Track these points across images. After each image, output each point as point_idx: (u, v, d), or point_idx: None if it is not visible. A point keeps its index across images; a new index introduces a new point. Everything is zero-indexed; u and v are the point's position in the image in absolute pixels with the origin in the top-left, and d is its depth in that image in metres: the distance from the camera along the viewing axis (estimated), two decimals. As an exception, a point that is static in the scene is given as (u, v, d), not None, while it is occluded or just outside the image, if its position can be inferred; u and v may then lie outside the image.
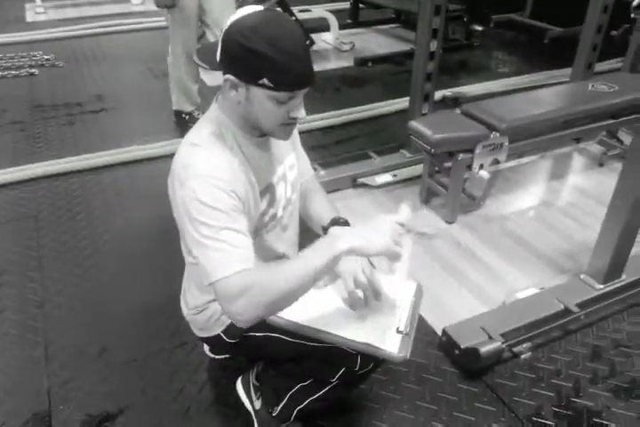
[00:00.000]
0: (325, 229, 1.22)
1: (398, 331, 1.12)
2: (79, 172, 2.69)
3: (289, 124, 1.06)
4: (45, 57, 4.11)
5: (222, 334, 1.26)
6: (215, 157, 1.05)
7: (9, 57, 4.09)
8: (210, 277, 1.00)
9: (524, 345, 1.64)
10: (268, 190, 1.17)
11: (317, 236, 1.19)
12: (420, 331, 1.73)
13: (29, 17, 5.27)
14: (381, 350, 1.08)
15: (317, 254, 0.97)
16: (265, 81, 0.97)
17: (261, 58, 0.95)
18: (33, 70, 3.89)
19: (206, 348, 1.62)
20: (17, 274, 2.03)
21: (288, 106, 1.02)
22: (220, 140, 1.08)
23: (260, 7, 1.01)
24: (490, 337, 1.60)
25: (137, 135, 3.00)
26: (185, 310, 1.34)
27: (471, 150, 2.15)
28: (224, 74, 1.02)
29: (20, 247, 2.18)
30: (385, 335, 1.11)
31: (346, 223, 1.25)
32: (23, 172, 2.65)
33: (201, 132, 1.10)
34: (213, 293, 1.02)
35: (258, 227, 1.18)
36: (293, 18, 4.15)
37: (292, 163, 1.26)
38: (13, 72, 3.85)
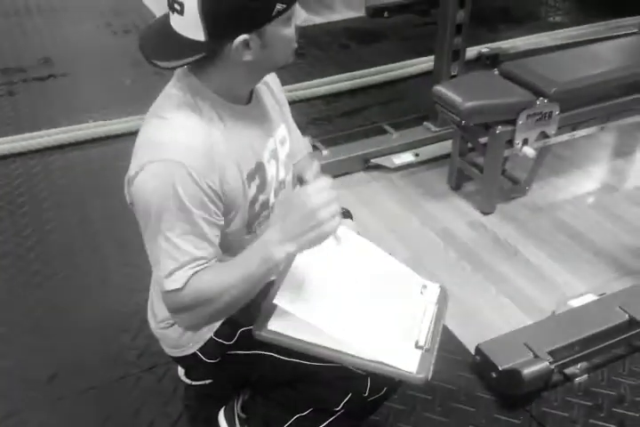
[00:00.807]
0: None
1: (418, 346, 1.14)
2: (22, 154, 2.72)
3: (296, 39, 1.12)
4: (-23, 10, 4.15)
5: (199, 353, 1.28)
6: (188, 136, 1.06)
7: None
8: (158, 278, 1.09)
9: (579, 366, 1.66)
10: (257, 171, 1.18)
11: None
12: (448, 348, 1.75)
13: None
14: (396, 370, 1.10)
15: (253, 266, 1.04)
16: (279, 6, 1.01)
17: None
18: (-38, 28, 3.94)
19: (181, 371, 1.64)
20: (-55, 282, 2.07)
21: (294, 19, 1.07)
22: (196, 112, 1.09)
23: None
24: (535, 356, 1.61)
25: (94, 108, 3.02)
26: (153, 324, 1.36)
27: (512, 121, 2.15)
28: (222, 42, 1.02)
29: (-52, 249, 2.22)
30: (401, 351, 1.12)
31: (347, 214, 1.26)
32: (-49, 155, 2.69)
33: (170, 101, 1.11)
34: None
35: (249, 220, 1.20)
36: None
37: (282, 136, 1.28)
38: (-64, 30, 3.91)
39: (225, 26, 1.00)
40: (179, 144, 1.05)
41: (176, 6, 1.00)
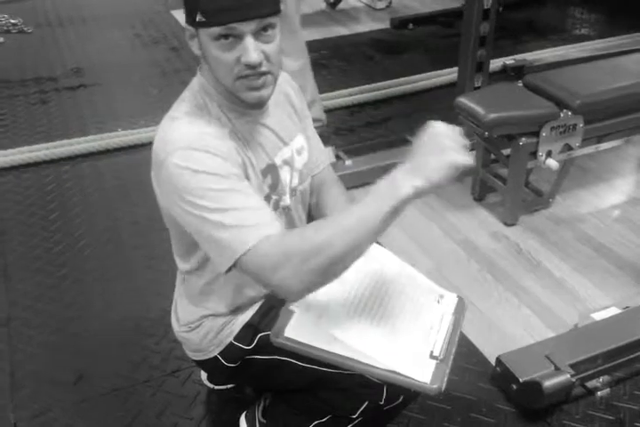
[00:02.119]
0: None
1: (432, 356, 1.14)
2: (53, 161, 2.78)
3: (247, 75, 1.08)
4: (12, 21, 4.27)
5: (220, 357, 1.31)
6: (199, 127, 1.10)
7: (-32, 22, 4.27)
8: (229, 256, 1.01)
9: (601, 379, 1.65)
10: (269, 171, 1.20)
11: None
12: (469, 359, 1.75)
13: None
14: (410, 380, 1.10)
15: (378, 201, 0.97)
16: (199, 16, 1.04)
17: None
18: (-3, 38, 4.05)
19: (204, 376, 1.67)
20: (-23, 286, 2.12)
21: (238, 51, 1.06)
22: (204, 111, 1.13)
23: None
24: (557, 368, 1.60)
25: (122, 117, 3.09)
26: (176, 327, 1.39)
27: (536, 133, 2.16)
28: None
29: (-20, 254, 2.27)
30: (415, 361, 1.12)
31: None
32: (-15, 161, 2.75)
33: (181, 104, 1.16)
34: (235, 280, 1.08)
35: None
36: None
37: (300, 146, 1.30)
38: (-26, 40, 4.03)
39: (186, 12, 1.08)
40: (191, 133, 1.09)
41: None
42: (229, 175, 1.05)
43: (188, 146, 1.06)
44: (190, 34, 1.10)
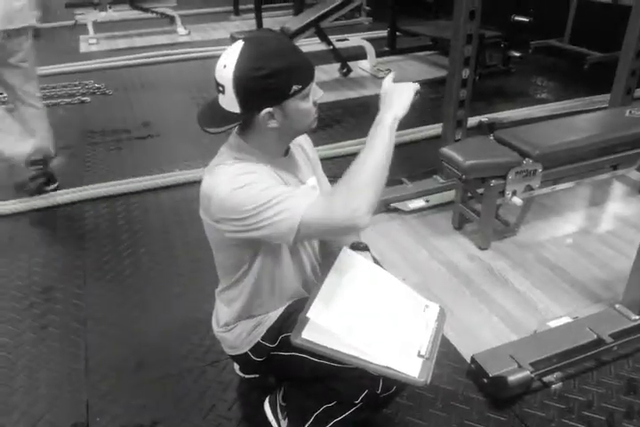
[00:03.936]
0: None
1: (420, 355, 1.14)
2: (124, 194, 2.84)
3: (316, 111, 1.17)
4: (97, 85, 4.39)
5: (250, 353, 1.32)
6: (240, 168, 1.13)
7: (63, 85, 4.39)
8: (291, 225, 1.03)
9: (555, 375, 1.63)
10: None
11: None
12: (449, 358, 1.75)
13: (83, 48, 5.66)
14: (402, 374, 1.11)
15: (381, 134, 1.10)
16: (295, 87, 1.08)
17: (281, 72, 1.06)
18: (85, 98, 4.16)
19: (236, 367, 1.68)
20: (63, 291, 2.16)
21: (311, 96, 1.13)
22: (243, 162, 1.16)
23: (238, 42, 1.11)
24: (519, 366, 1.59)
25: (179, 160, 3.15)
26: (215, 328, 1.41)
27: (504, 177, 2.16)
28: (253, 113, 1.10)
29: (66, 266, 2.31)
30: (406, 359, 1.13)
31: (365, 248, 1.29)
32: (72, 194, 2.82)
33: (221, 156, 1.20)
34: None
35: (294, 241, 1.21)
36: (330, 46, 4.32)
37: (312, 185, 1.33)
38: (67, 100, 4.13)
39: (253, 101, 1.09)
40: (233, 170, 1.12)
41: (219, 88, 1.11)
42: (272, 182, 1.10)
43: (233, 175, 1.10)
44: (269, 114, 1.10)
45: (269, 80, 1.06)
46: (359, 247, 1.29)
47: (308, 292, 1.29)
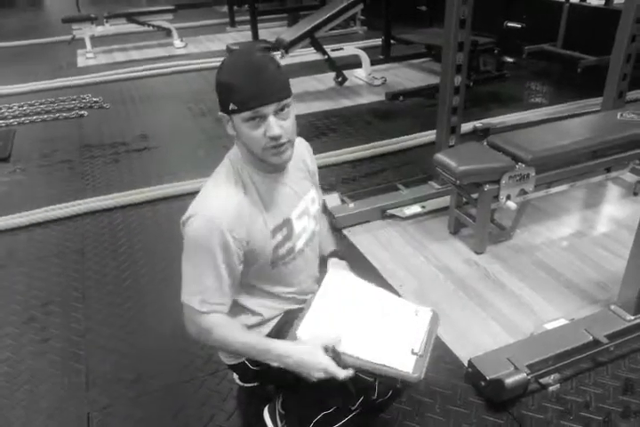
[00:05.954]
0: (325, 260, 1.36)
1: (413, 353, 1.18)
2: (122, 207, 2.86)
3: (273, 146, 1.13)
4: (94, 99, 4.44)
5: (247, 362, 1.34)
6: (227, 198, 1.16)
7: (61, 100, 4.44)
8: (184, 298, 1.22)
9: (552, 377, 1.64)
10: (284, 225, 1.26)
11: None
12: (447, 361, 1.76)
13: (80, 62, 5.72)
14: (397, 370, 1.14)
15: (270, 355, 1.17)
16: (232, 105, 1.10)
17: (225, 86, 1.10)
18: (82, 112, 4.20)
19: (235, 376, 1.69)
20: (62, 304, 2.18)
21: (263, 127, 1.11)
22: (237, 177, 1.19)
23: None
24: (516, 368, 1.60)
25: (177, 172, 3.17)
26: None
27: (497, 181, 2.19)
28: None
29: (65, 279, 2.33)
30: (400, 357, 1.16)
31: (343, 257, 1.35)
32: (71, 208, 2.84)
33: (223, 168, 1.23)
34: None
35: (273, 259, 1.27)
36: (325, 56, 4.37)
37: (312, 197, 1.35)
38: (64, 114, 4.17)
39: (219, 101, 1.14)
40: (218, 204, 1.16)
41: None
42: (219, 250, 1.15)
43: (211, 216, 1.14)
44: (225, 119, 1.15)
45: (219, 88, 1.13)
46: (337, 255, 1.38)
47: (309, 291, 1.35)
